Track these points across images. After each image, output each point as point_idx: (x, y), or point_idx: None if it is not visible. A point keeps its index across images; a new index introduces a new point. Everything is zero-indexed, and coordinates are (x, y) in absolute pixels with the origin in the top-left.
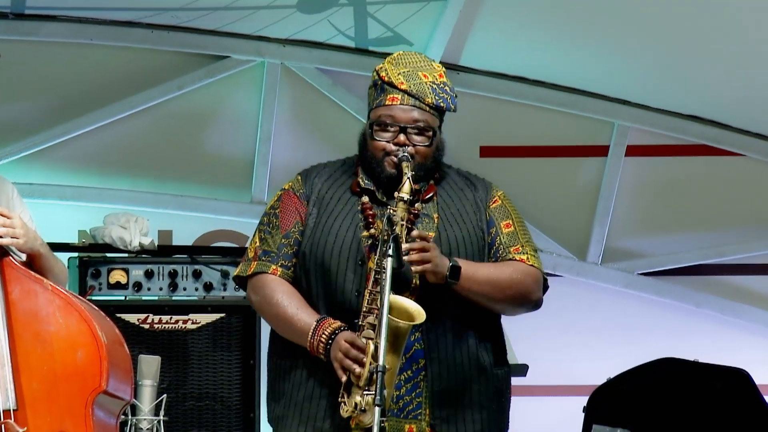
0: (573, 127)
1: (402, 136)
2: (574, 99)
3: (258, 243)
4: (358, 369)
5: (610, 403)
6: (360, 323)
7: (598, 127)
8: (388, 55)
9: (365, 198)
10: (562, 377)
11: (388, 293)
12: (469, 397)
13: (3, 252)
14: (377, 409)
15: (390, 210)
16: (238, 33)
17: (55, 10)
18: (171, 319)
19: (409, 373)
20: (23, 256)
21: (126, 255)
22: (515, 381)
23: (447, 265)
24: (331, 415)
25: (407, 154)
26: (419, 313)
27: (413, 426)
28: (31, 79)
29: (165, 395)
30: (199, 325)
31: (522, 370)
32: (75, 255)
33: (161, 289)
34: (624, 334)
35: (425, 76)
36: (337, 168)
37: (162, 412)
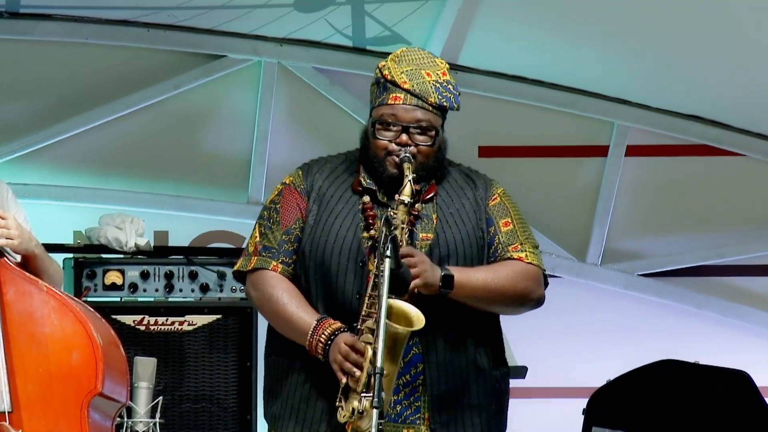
0: (572, 127)
1: (404, 136)
2: (573, 99)
3: (258, 238)
4: (359, 372)
5: (609, 405)
6: (359, 327)
7: (598, 127)
8: (386, 55)
9: (366, 198)
10: (562, 379)
11: (386, 295)
12: (468, 400)
13: None
14: (375, 411)
15: (389, 212)
16: (234, 32)
17: (50, 9)
18: (167, 320)
19: (408, 377)
20: (18, 257)
21: (121, 256)
22: (514, 383)
23: (439, 276)
24: (328, 418)
25: (409, 155)
26: (418, 319)
27: (411, 431)
28: (27, 79)
29: (161, 397)
30: (195, 326)
31: (521, 372)
32: (70, 256)
33: (157, 290)
34: (624, 335)
35: (428, 75)
36: (338, 164)
37: (158, 415)
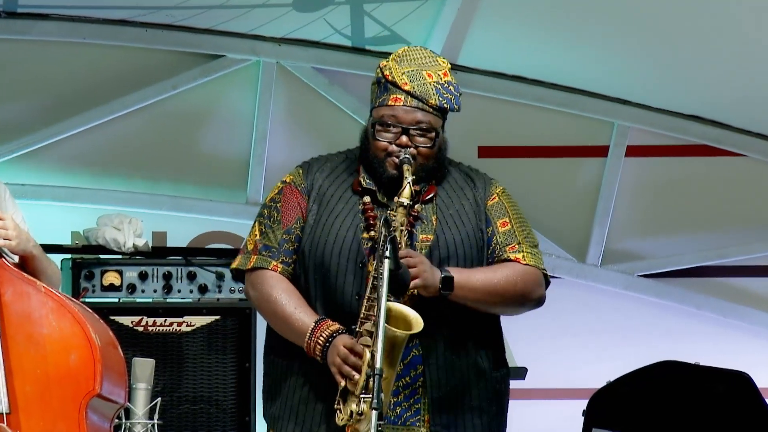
0: (572, 127)
1: (404, 137)
2: (573, 99)
3: (258, 236)
4: (357, 376)
5: (609, 406)
6: (357, 330)
7: (598, 127)
8: (386, 55)
9: (367, 198)
10: (562, 380)
11: (385, 296)
12: (468, 401)
13: None
14: (374, 412)
15: (389, 213)
16: (233, 32)
17: (47, 8)
18: (165, 321)
19: (407, 379)
20: (16, 258)
21: (120, 257)
22: (514, 384)
23: (439, 278)
24: (327, 419)
25: (408, 156)
26: (417, 322)
27: None
28: (24, 79)
29: (159, 398)
30: (193, 327)
31: (521, 373)
32: (68, 257)
33: (155, 291)
34: (624, 336)
35: (429, 76)
36: (338, 163)
37: (156, 416)
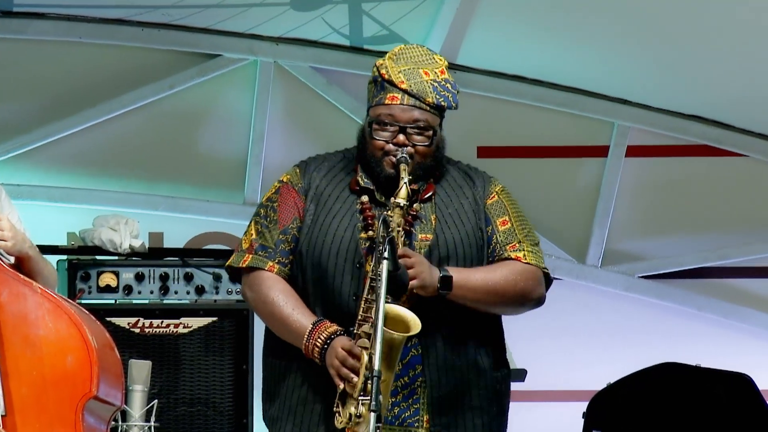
0: (572, 127)
1: (401, 136)
2: (573, 98)
3: (254, 235)
4: (356, 378)
5: (610, 408)
6: (355, 331)
7: (598, 127)
8: (384, 54)
9: (365, 198)
10: (561, 382)
11: (383, 297)
12: (469, 401)
13: None
14: (373, 415)
15: (386, 213)
16: (230, 31)
17: (43, 7)
18: (162, 323)
19: (406, 379)
20: (12, 259)
21: (116, 258)
22: (513, 386)
23: (437, 278)
24: (326, 420)
25: (406, 156)
26: (415, 324)
27: None
28: (20, 78)
29: (156, 401)
30: (190, 329)
31: (520, 374)
32: (64, 257)
33: (152, 292)
34: (624, 338)
35: (426, 74)
36: (336, 162)
37: (153, 418)
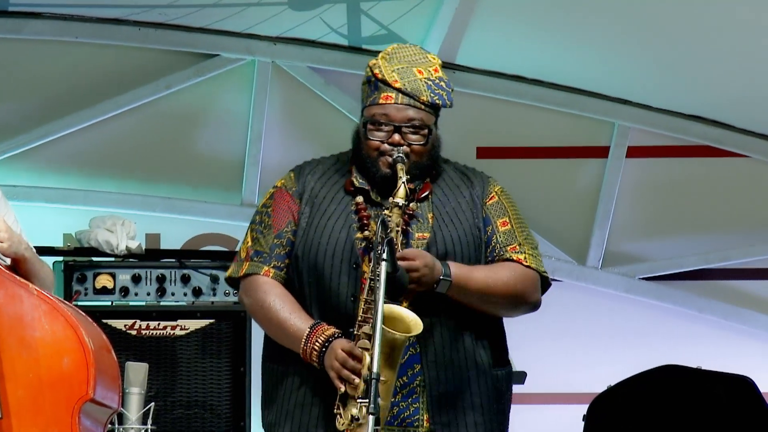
0: (572, 127)
1: (397, 136)
2: (573, 98)
3: (250, 243)
4: (357, 380)
5: (610, 411)
6: (355, 332)
7: (598, 127)
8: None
9: (359, 198)
10: (561, 385)
11: (382, 298)
12: (469, 399)
13: None
14: (371, 417)
15: (384, 213)
16: (227, 30)
17: (39, 7)
18: (159, 325)
19: (405, 379)
20: (7, 260)
21: (112, 259)
22: (513, 389)
23: (437, 278)
24: (324, 423)
25: (402, 155)
26: (416, 324)
27: None
28: (15, 79)
29: (153, 403)
30: (187, 331)
31: (520, 377)
32: (60, 259)
33: (149, 294)
34: (625, 340)
35: (420, 72)
36: (330, 165)
37: (150, 421)
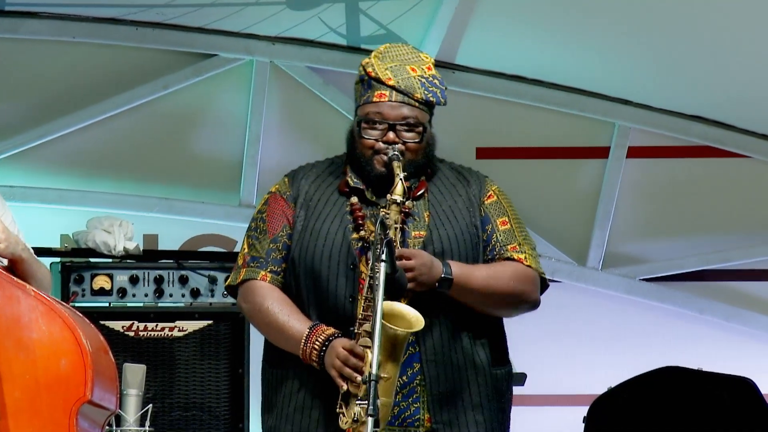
0: (572, 127)
1: (391, 134)
2: (573, 99)
3: (246, 249)
4: (360, 378)
5: (611, 413)
6: (356, 331)
7: (599, 127)
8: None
9: (354, 198)
10: (562, 386)
11: (381, 299)
12: (469, 398)
13: None
14: (370, 419)
15: (382, 212)
16: (225, 30)
17: (36, 6)
18: (157, 326)
19: (404, 378)
20: (5, 261)
21: (110, 260)
22: (513, 390)
23: (437, 278)
24: (325, 426)
25: (397, 153)
26: (417, 320)
27: None
28: (12, 79)
29: (151, 405)
30: (185, 332)
31: (520, 379)
32: (57, 260)
33: (146, 295)
34: (625, 341)
35: (413, 70)
36: (324, 168)
37: (147, 423)
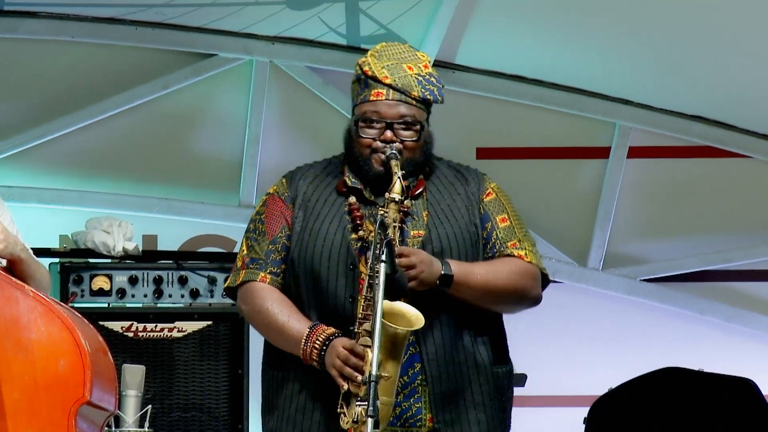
0: (573, 127)
1: (389, 132)
2: (574, 98)
3: (246, 251)
4: (360, 377)
5: (611, 414)
6: (356, 330)
7: (599, 127)
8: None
9: (352, 198)
10: (562, 387)
11: (381, 299)
12: (471, 397)
13: None
14: (370, 420)
15: (381, 211)
16: (225, 30)
17: (35, 6)
18: (156, 327)
19: (406, 378)
20: (3, 262)
21: (109, 261)
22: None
23: (437, 275)
24: (326, 427)
25: (395, 152)
26: (418, 319)
27: None
28: (11, 78)
29: (150, 406)
30: (185, 333)
31: (520, 379)
32: (56, 260)
33: (146, 295)
34: (626, 342)
35: (410, 68)
36: (322, 168)
37: (147, 424)
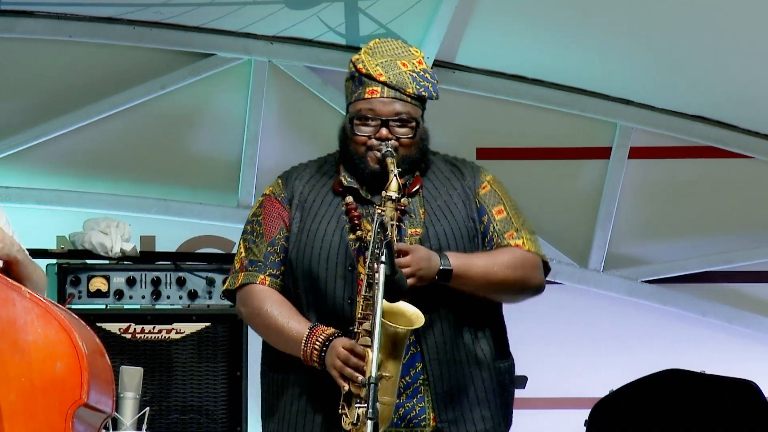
0: (574, 128)
1: (384, 130)
2: (574, 98)
3: (243, 253)
4: (361, 377)
5: (612, 416)
6: (356, 330)
7: (600, 127)
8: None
9: (349, 198)
10: (563, 389)
11: (380, 300)
12: (474, 394)
13: None
14: (369, 423)
15: (378, 211)
16: (223, 29)
17: (32, 5)
18: (154, 328)
19: (408, 379)
20: (0, 263)
21: (107, 262)
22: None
23: (436, 271)
24: (327, 430)
25: (391, 149)
26: (417, 317)
27: None
28: (8, 78)
29: (148, 408)
30: (183, 334)
31: (521, 381)
32: (53, 262)
33: (144, 297)
34: (627, 344)
35: (404, 65)
36: (317, 168)
37: (145, 426)
